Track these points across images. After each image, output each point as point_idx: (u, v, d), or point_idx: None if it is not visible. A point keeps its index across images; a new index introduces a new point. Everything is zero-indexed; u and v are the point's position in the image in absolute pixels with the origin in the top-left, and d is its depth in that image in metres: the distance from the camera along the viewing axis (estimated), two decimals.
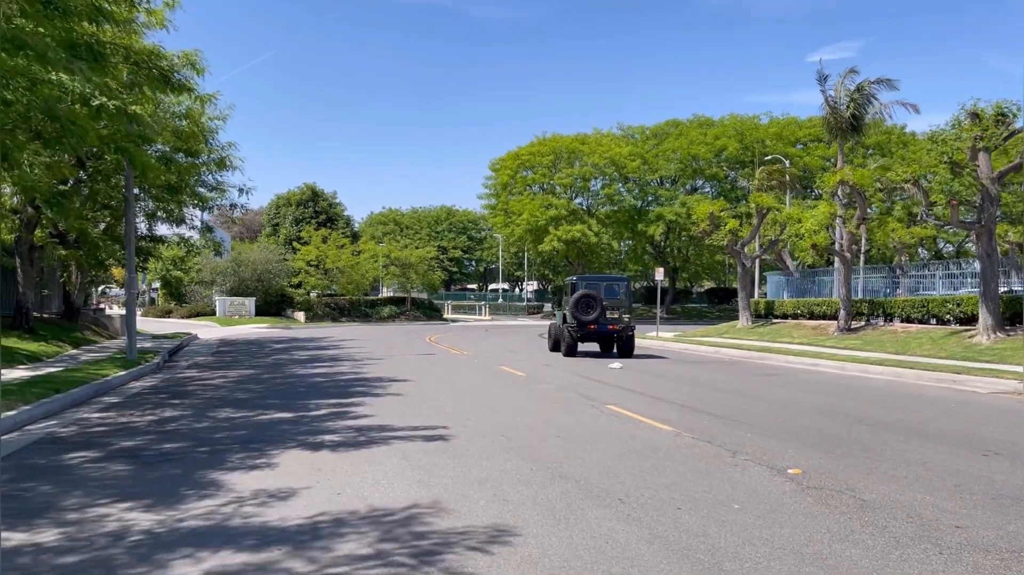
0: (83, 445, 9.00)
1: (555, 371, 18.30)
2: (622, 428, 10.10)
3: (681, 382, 16.21)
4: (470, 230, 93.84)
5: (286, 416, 11.17)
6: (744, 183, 60.64)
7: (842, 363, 19.47)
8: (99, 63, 11.15)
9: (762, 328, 31.14)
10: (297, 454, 8.31)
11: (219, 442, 9.10)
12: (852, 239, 25.51)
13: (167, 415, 11.42)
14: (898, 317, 25.54)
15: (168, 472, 7.45)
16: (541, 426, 10.20)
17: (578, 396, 13.53)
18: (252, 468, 7.61)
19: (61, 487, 6.89)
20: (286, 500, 6.37)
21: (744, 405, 12.52)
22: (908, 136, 55.26)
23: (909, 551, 5.14)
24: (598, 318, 22.34)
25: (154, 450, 8.64)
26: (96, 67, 11.15)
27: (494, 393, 14.06)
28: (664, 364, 21.04)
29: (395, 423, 10.38)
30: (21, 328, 22.96)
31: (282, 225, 75.55)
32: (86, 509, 6.13)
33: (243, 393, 14.29)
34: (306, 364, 20.63)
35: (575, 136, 62.48)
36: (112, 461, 8.04)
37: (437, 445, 8.81)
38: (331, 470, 7.49)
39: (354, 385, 15.35)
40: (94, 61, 10.95)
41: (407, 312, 58.43)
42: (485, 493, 6.59)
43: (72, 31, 10.88)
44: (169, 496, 6.50)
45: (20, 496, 6.58)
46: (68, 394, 12.94)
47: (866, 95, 33.40)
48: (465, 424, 10.31)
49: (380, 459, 8.00)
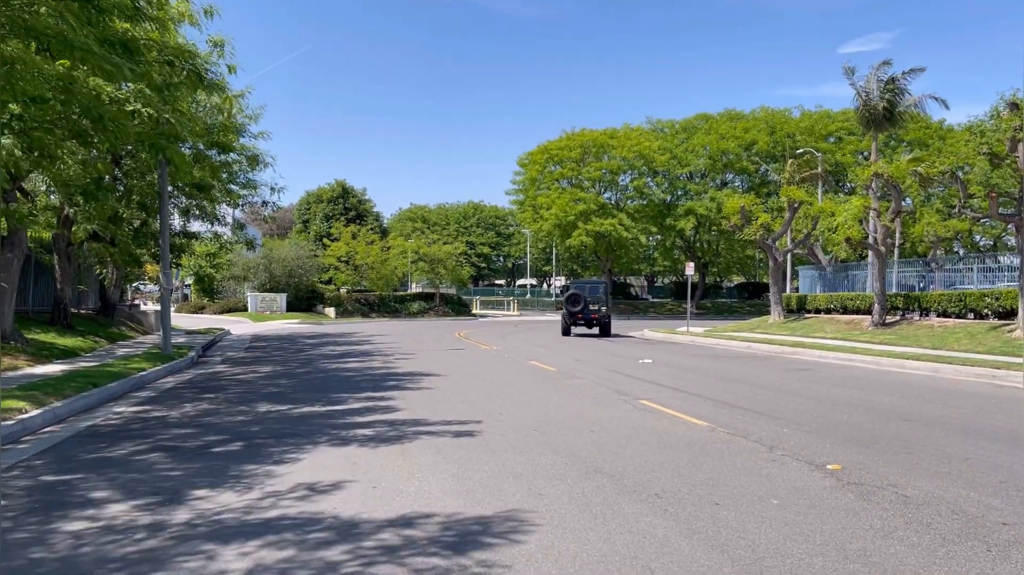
0: (122, 438, 9.13)
1: (586, 367, 18.23)
2: (656, 423, 10.03)
3: (713, 377, 16.06)
4: (498, 226, 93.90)
5: (320, 410, 11.24)
6: (775, 177, 60.01)
7: (877, 358, 19.17)
8: (135, 60, 11.27)
9: (794, 323, 30.79)
10: (332, 448, 8.35)
11: (255, 436, 9.18)
12: (886, 233, 25.07)
13: (202, 409, 11.55)
14: (934, 311, 25.09)
15: (207, 465, 7.53)
16: (574, 421, 10.16)
17: (610, 391, 13.46)
18: (288, 462, 7.66)
19: (103, 479, 6.98)
20: (324, 494, 6.40)
21: (779, 400, 12.38)
22: (945, 130, 54.22)
23: (956, 548, 5.04)
24: (583, 309, 31.53)
25: (192, 444, 8.73)
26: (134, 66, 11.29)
27: (525, 388, 14.04)
28: (695, 359, 20.88)
29: (428, 417, 10.40)
30: (59, 324, 23.38)
31: (312, 222, 76.12)
32: (127, 501, 6.21)
33: (276, 387, 14.41)
34: (337, 359, 20.76)
35: (604, 131, 62.17)
36: (151, 454, 8.14)
37: (470, 439, 8.80)
38: (366, 464, 7.51)
39: (386, 380, 15.42)
40: (129, 57, 11.07)
41: (436, 308, 58.58)
42: (520, 487, 6.57)
43: (107, 28, 11.01)
44: (208, 490, 6.56)
45: (63, 488, 6.68)
46: (105, 388, 13.15)
47: (899, 86, 32.91)
48: (498, 419, 10.29)
49: (414, 453, 8.02)
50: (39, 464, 7.69)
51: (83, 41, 9.99)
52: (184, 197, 24.57)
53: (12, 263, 18.51)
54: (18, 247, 18.69)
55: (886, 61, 32.20)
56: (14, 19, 9.96)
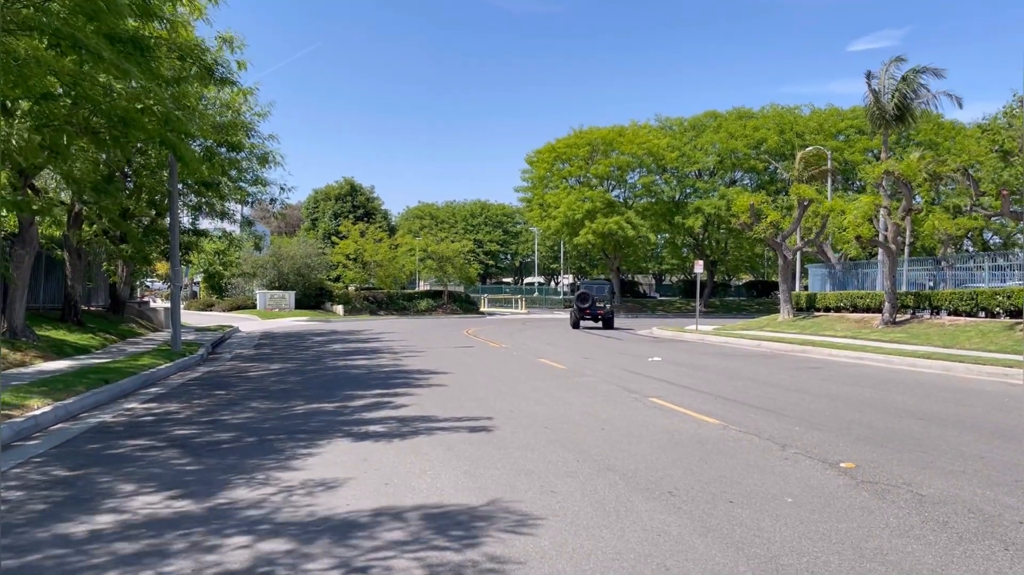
0: (134, 434, 9.15)
1: (596, 364, 18.20)
2: (667, 421, 10.00)
3: (723, 375, 16.01)
4: (505, 223, 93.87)
5: (330, 407, 11.25)
6: (784, 175, 59.93)
7: (888, 356, 19.08)
8: (145, 57, 11.30)
9: (804, 321, 30.68)
10: (344, 444, 8.35)
11: (266, 432, 9.19)
12: (897, 231, 24.93)
13: (213, 405, 11.57)
14: (945, 310, 24.96)
15: (219, 461, 7.53)
16: (584, 418, 10.14)
17: (620, 389, 13.43)
18: (300, 457, 7.66)
19: (116, 475, 7.00)
20: (335, 489, 6.40)
21: (790, 398, 12.32)
22: (956, 130, 53.87)
23: (973, 547, 5.00)
24: (590, 306, 36.13)
25: (203, 440, 8.74)
26: (144, 64, 11.32)
27: (535, 385, 14.02)
28: (705, 357, 20.82)
29: (438, 414, 10.39)
30: (70, 320, 23.47)
31: (321, 219, 76.22)
32: (139, 496, 6.22)
33: (286, 384, 14.43)
34: (347, 356, 20.79)
35: (612, 128, 62.00)
36: (163, 450, 8.16)
37: (481, 436, 8.79)
38: (377, 460, 7.51)
39: (395, 377, 15.42)
40: (140, 55, 11.11)
41: (444, 306, 58.60)
42: (532, 484, 6.55)
43: (117, 26, 11.04)
44: (221, 485, 6.57)
45: (76, 483, 6.69)
46: (116, 385, 13.19)
47: (911, 84, 32.72)
48: (508, 416, 10.28)
49: (425, 450, 8.01)
50: (52, 460, 7.71)
51: (94, 43, 10.03)
52: (193, 195, 24.62)
53: (24, 259, 18.58)
54: (29, 243, 18.76)
55: (899, 57, 32.08)
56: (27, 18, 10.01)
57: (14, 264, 18.33)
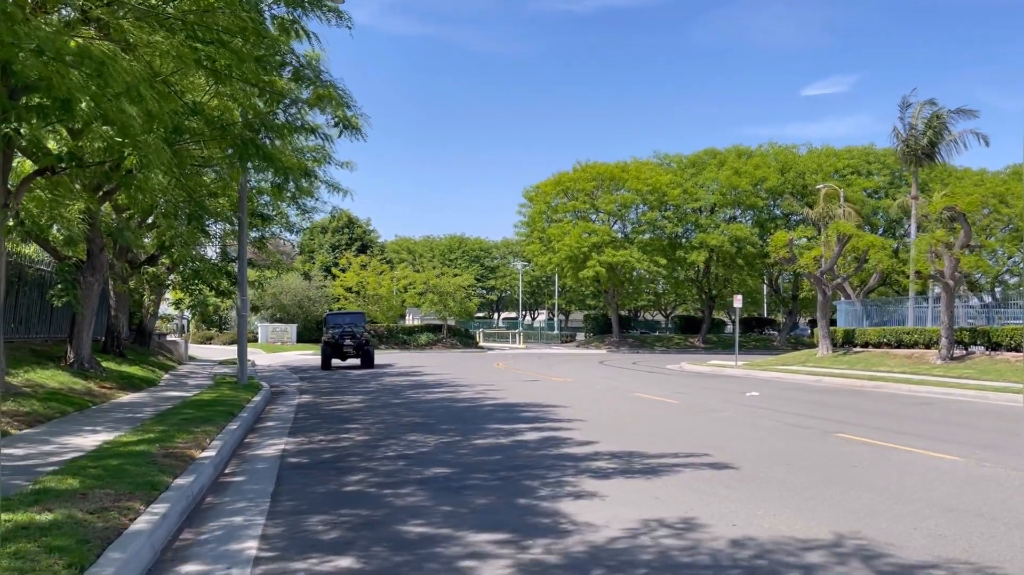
0: (343, 471, 8.39)
1: (699, 398, 17.66)
2: (899, 457, 9.46)
3: (851, 410, 15.43)
4: (483, 258, 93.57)
5: (505, 443, 10.53)
6: (779, 212, 60.79)
7: (982, 392, 18.84)
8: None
9: (846, 357, 30.50)
10: (618, 481, 7.72)
11: (478, 468, 8.50)
12: (955, 266, 25.00)
13: (370, 441, 10.80)
14: (1004, 346, 24.93)
15: (487, 501, 6.88)
16: (808, 455, 9.60)
17: (781, 423, 12.90)
18: (584, 497, 6.99)
19: (388, 515, 6.29)
20: (684, 533, 5.76)
21: (971, 432, 11.87)
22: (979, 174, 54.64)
23: None
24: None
25: (421, 476, 8.02)
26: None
27: (678, 421, 13.39)
28: (793, 391, 20.22)
29: (643, 450, 9.69)
30: (112, 352, 22.31)
31: (318, 252, 75.18)
32: (454, 540, 5.54)
33: (413, 416, 13.68)
34: (417, 389, 19.93)
35: (616, 164, 62.20)
36: (397, 487, 7.43)
37: (731, 473, 8.19)
38: (673, 498, 6.89)
39: (515, 411, 14.66)
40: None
41: (444, 340, 57.78)
42: (898, 526, 5.98)
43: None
44: (531, 528, 5.96)
45: (379, 532, 5.98)
46: (239, 418, 12.36)
47: (942, 122, 33.30)
48: (722, 452, 9.62)
49: (704, 487, 7.40)
50: (302, 506, 6.95)
51: None
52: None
53: (92, 287, 17.59)
54: (99, 271, 17.80)
55: (931, 100, 32.72)
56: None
57: (83, 292, 17.34)
